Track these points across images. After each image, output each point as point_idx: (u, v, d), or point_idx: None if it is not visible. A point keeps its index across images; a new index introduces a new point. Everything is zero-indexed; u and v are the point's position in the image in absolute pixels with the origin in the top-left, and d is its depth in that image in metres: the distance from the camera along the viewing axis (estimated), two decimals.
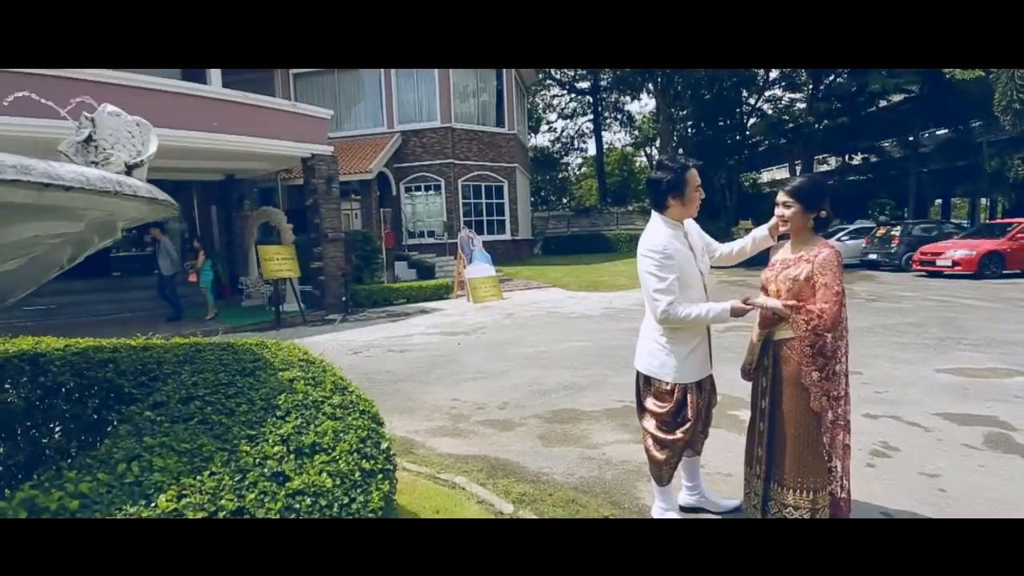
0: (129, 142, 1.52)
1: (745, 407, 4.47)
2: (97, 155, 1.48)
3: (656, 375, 2.50)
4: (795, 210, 2.21)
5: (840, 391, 2.13)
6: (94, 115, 1.51)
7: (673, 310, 2.29)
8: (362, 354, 7.29)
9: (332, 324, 10.18)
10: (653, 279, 2.33)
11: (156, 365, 2.07)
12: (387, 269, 13.73)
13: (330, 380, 1.78)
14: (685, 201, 2.39)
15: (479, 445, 3.97)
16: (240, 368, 1.78)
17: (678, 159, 2.41)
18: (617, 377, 5.62)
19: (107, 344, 2.55)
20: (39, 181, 1.10)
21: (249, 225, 12.67)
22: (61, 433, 2.08)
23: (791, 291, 2.18)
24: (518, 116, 21.19)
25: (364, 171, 15.86)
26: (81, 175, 1.22)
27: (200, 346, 2.24)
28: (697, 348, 2.45)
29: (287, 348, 2.17)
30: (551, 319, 9.63)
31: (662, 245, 2.33)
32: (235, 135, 10.04)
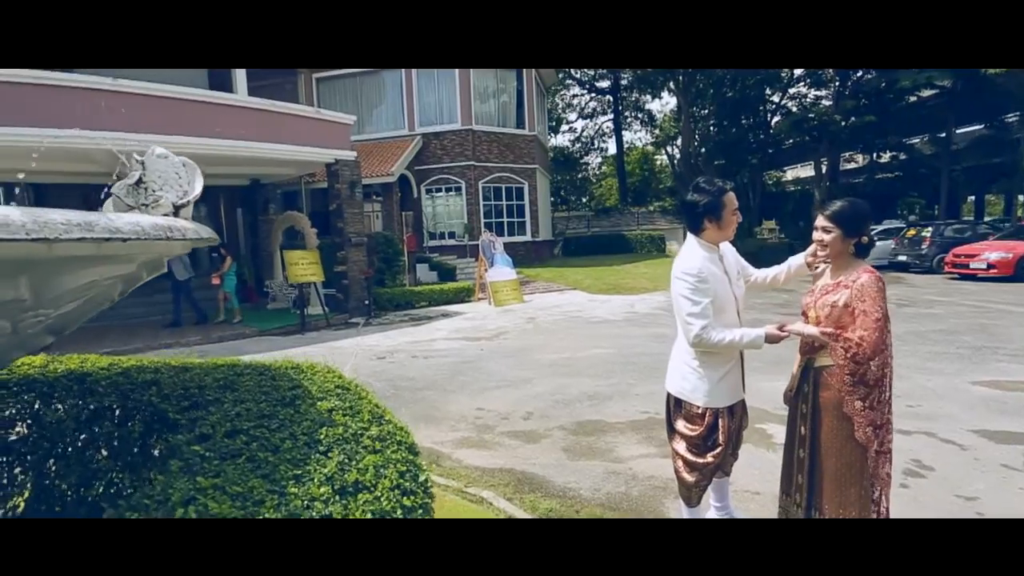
0: (176, 183, 1.58)
1: (773, 420, 4.43)
2: (147, 197, 1.54)
3: (687, 398, 2.49)
4: (835, 236, 2.16)
5: (883, 419, 2.08)
6: (144, 158, 1.56)
7: (706, 334, 2.28)
8: (386, 359, 7.37)
9: (355, 328, 10.31)
10: (687, 303, 2.31)
11: (197, 390, 2.13)
12: (409, 272, 13.84)
13: (367, 409, 1.82)
14: (722, 224, 2.37)
15: (505, 457, 4.00)
16: (280, 397, 1.83)
17: (715, 182, 2.39)
18: (641, 387, 5.60)
19: (149, 364, 2.63)
20: (101, 237, 1.15)
21: (274, 229, 12.89)
22: (108, 456, 2.15)
23: (830, 317, 2.14)
24: (538, 117, 21.17)
25: (386, 174, 16.02)
26: (137, 225, 1.26)
27: (238, 369, 2.29)
28: (730, 372, 2.43)
29: (321, 372, 2.22)
30: (573, 324, 9.62)
31: (697, 268, 2.32)
32: (261, 142, 10.23)
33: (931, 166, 22.36)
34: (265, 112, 10.45)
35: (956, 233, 15.23)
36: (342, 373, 2.35)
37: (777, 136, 24.25)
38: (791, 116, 23.51)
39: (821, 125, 20.62)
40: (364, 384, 5.97)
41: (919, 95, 21.98)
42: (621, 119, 34.81)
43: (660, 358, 6.56)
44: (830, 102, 23.22)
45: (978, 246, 13.56)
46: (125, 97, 8.65)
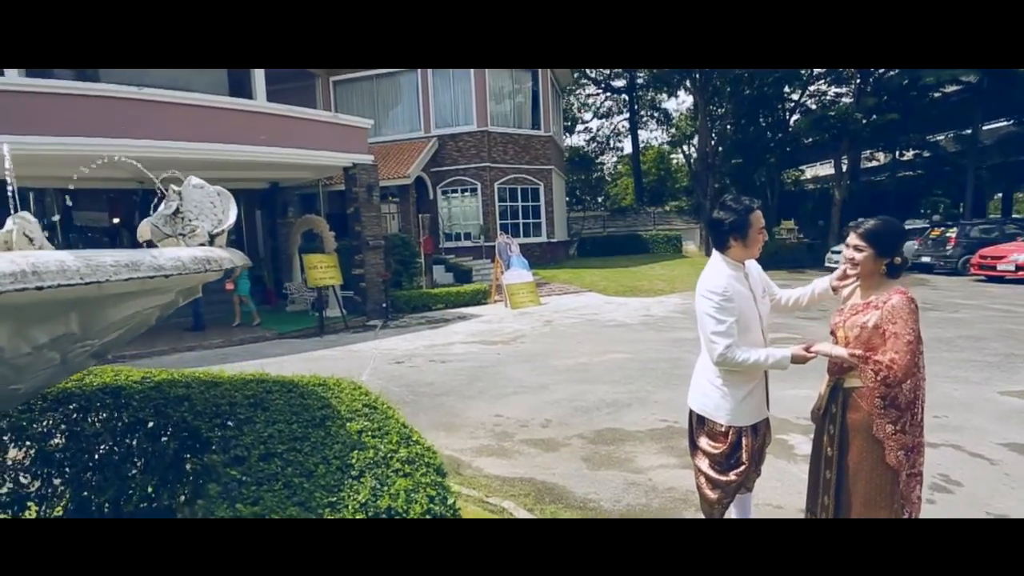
0: (211, 212, 1.62)
1: (795, 431, 4.39)
2: (184, 227, 1.58)
3: (710, 416, 2.47)
4: (867, 255, 2.11)
5: (915, 442, 2.05)
6: (181, 188, 1.61)
7: (731, 354, 2.26)
8: (405, 364, 7.44)
9: (373, 330, 10.41)
10: (712, 321, 2.30)
11: (228, 407, 2.17)
12: (425, 274, 13.92)
13: (395, 429, 1.85)
14: (747, 243, 2.35)
15: (524, 466, 4.02)
16: (311, 418, 1.86)
17: (742, 200, 2.37)
18: (659, 394, 5.58)
19: (180, 378, 2.69)
20: (146, 275, 1.19)
21: (293, 232, 13.06)
22: (143, 470, 2.21)
23: (860, 339, 2.10)
24: (553, 117, 21.13)
25: (402, 176, 16.12)
26: (178, 261, 1.31)
27: (267, 386, 2.34)
28: (754, 391, 2.42)
29: (348, 389, 2.26)
30: (589, 327, 9.61)
31: (722, 287, 2.30)
32: (280, 147, 10.37)
33: (956, 164, 21.86)
34: (284, 117, 10.60)
35: (982, 233, 14.89)
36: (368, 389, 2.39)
37: (796, 135, 23.90)
38: (811, 114, 23.12)
39: (842, 123, 20.27)
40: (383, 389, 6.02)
41: (943, 91, 21.51)
42: (637, 118, 34.59)
43: (677, 364, 6.58)
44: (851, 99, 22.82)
45: (1006, 247, 13.24)
46: (150, 105, 8.83)
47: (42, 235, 2.54)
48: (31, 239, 2.47)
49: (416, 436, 1.90)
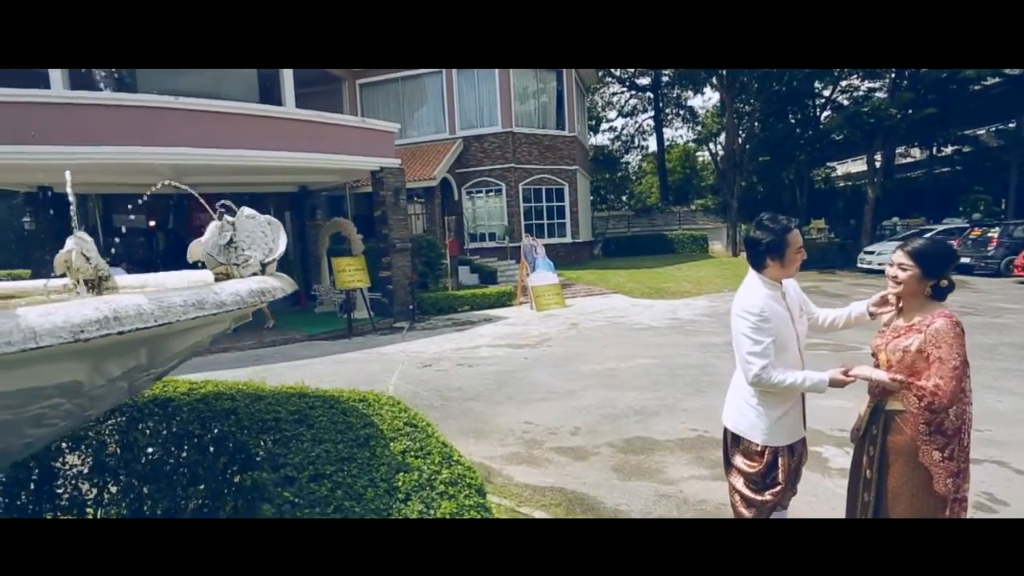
0: (263, 241, 1.69)
1: (830, 443, 4.32)
2: (237, 257, 1.65)
3: (745, 435, 2.45)
4: (912, 274, 2.06)
5: (961, 467, 2.00)
6: (235, 219, 1.68)
7: (767, 375, 2.24)
8: (432, 367, 7.52)
9: (400, 332, 10.54)
10: (747, 341, 2.28)
11: (274, 422, 2.25)
12: (451, 276, 14.03)
13: (436, 450, 1.89)
14: (784, 263, 2.32)
15: (555, 475, 4.04)
16: (355, 437, 1.92)
17: (779, 219, 2.34)
18: (688, 401, 5.55)
19: (225, 390, 2.79)
20: (211, 312, 1.25)
21: (322, 235, 13.30)
22: (193, 482, 2.30)
23: (902, 362, 2.05)
24: (578, 116, 21.05)
25: (428, 178, 16.26)
26: (238, 295, 1.37)
27: (309, 401, 2.41)
28: (790, 411, 2.39)
29: (388, 405, 2.31)
30: (616, 330, 9.57)
31: (759, 307, 2.28)
32: (310, 152, 10.57)
33: (998, 159, 21.07)
34: (313, 123, 10.79)
35: None
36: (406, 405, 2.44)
37: (827, 131, 23.33)
38: (843, 111, 22.52)
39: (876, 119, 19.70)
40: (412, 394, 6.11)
41: (984, 83, 20.74)
42: (662, 116, 34.23)
43: (706, 370, 6.52)
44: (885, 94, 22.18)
45: None
46: (186, 114, 9.09)
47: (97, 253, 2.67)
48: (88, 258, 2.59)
49: (456, 455, 1.94)
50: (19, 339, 0.91)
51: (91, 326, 1.01)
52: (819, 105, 24.89)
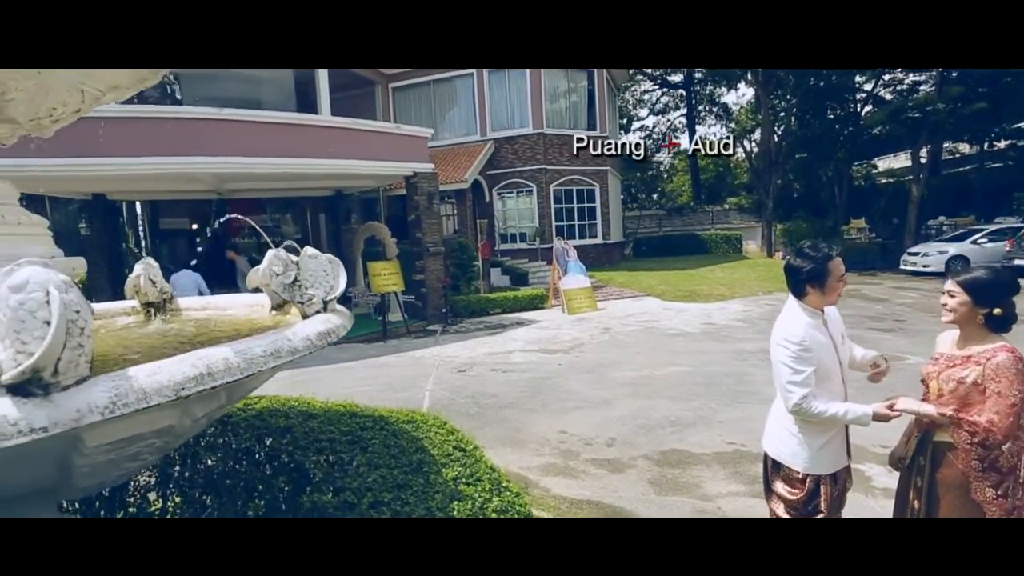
0: (324, 279, 1.78)
1: (871, 460, 4.25)
2: (301, 295, 1.75)
3: (786, 462, 2.43)
4: (961, 301, 2.02)
5: (1015, 504, 1.95)
6: (299, 259, 1.78)
7: (807, 404, 2.23)
8: (467, 373, 7.63)
9: (434, 336, 10.70)
10: (788, 370, 2.27)
11: (328, 443, 2.36)
12: (483, 279, 14.16)
13: (486, 476, 1.96)
14: (825, 291, 2.31)
15: (592, 488, 4.08)
16: (408, 463, 2.01)
17: (821, 247, 2.32)
18: (724, 412, 5.50)
19: (279, 406, 2.92)
20: (288, 359, 1.35)
21: (356, 239, 13.57)
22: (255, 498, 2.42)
23: (955, 393, 2.00)
24: (609, 116, 20.91)
25: (459, 180, 16.41)
26: (308, 340, 1.46)
27: (360, 421, 2.51)
28: (833, 439, 2.36)
29: (435, 426, 2.39)
30: (649, 336, 9.52)
31: (800, 336, 2.27)
32: (345, 159, 10.82)
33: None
34: (348, 130, 11.04)
35: None
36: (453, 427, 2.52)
37: (868, 127, 22.54)
38: (885, 105, 21.71)
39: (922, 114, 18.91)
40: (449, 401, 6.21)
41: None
42: (694, 113, 33.68)
43: (742, 380, 6.45)
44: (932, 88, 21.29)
45: None
46: (228, 124, 9.42)
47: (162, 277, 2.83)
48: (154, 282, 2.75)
49: (504, 481, 2.01)
50: (133, 400, 1.01)
51: (189, 383, 1.11)
52: (860, 100, 24.06)
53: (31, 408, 0.91)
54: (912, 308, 10.93)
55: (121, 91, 1.98)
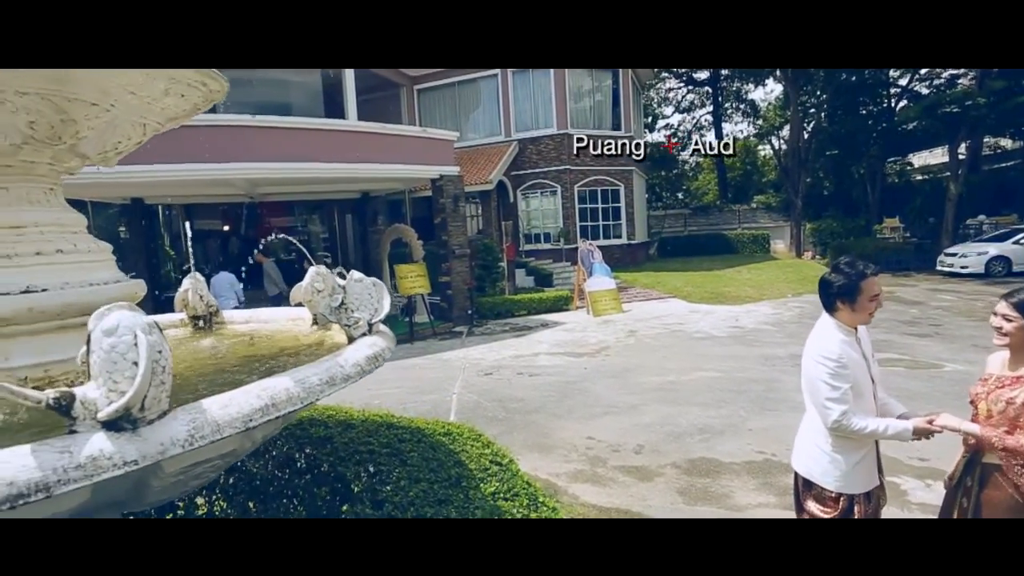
0: (369, 302, 1.86)
1: (907, 472, 4.18)
2: (348, 318, 1.83)
3: (817, 481, 2.42)
4: (1018, 325, 1.99)
5: None
6: (345, 283, 1.86)
7: (847, 420, 2.22)
8: (493, 376, 7.71)
9: (459, 337, 10.81)
10: (826, 387, 2.27)
11: (368, 454, 2.44)
12: (508, 280, 14.23)
13: (523, 491, 2.02)
14: (856, 308, 2.29)
15: (620, 496, 4.11)
16: (447, 476, 2.07)
17: (858, 265, 2.29)
18: (753, 420, 5.46)
19: (317, 416, 3.02)
20: (340, 386, 1.42)
21: (383, 240, 13.77)
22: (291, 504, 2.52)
23: (1004, 414, 1.98)
24: (634, 115, 20.74)
25: (484, 182, 16.50)
26: (358, 366, 1.54)
27: (399, 433, 2.59)
28: (865, 457, 2.34)
29: (470, 438, 2.45)
30: (675, 339, 9.46)
31: (837, 353, 2.26)
32: (373, 163, 10.99)
33: None
34: (375, 135, 11.21)
35: None
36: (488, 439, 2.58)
37: (902, 124, 21.89)
38: (922, 100, 21.04)
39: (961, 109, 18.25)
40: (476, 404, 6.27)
41: None
42: (721, 111, 33.16)
43: (771, 386, 6.38)
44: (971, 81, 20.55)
45: None
46: (259, 131, 9.66)
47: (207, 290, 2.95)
48: (201, 296, 2.88)
49: (540, 496, 2.06)
50: (208, 432, 1.09)
51: (256, 414, 1.18)
52: (894, 95, 23.40)
53: (123, 443, 0.99)
54: (949, 312, 10.62)
55: (177, 121, 2.09)
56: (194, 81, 1.85)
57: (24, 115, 1.52)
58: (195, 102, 2.00)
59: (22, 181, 1.70)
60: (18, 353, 1.62)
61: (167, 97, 1.82)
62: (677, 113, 35.67)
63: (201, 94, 1.94)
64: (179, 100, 1.89)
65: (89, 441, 0.97)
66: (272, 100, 14.18)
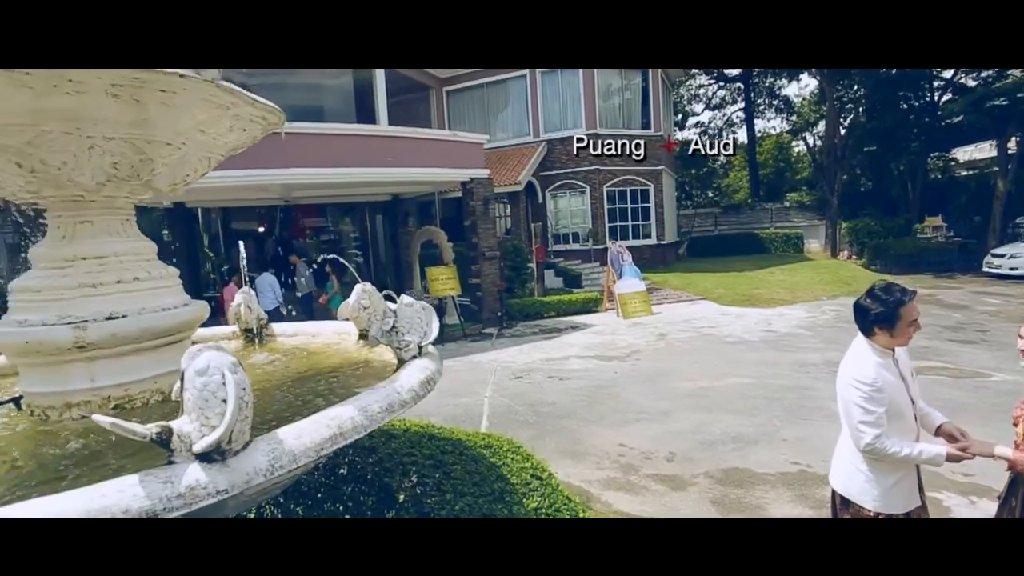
0: (418, 326, 1.95)
1: (950, 488, 4.10)
2: (399, 341, 1.92)
3: (855, 499, 2.40)
4: None
5: None
6: (396, 307, 1.96)
7: (880, 444, 2.21)
8: (524, 379, 7.79)
9: (489, 339, 10.92)
10: (859, 410, 2.25)
11: (412, 465, 2.54)
12: (538, 282, 14.29)
13: (563, 505, 2.09)
14: (894, 334, 2.26)
15: (653, 504, 4.14)
16: (490, 491, 2.15)
17: (894, 291, 2.27)
18: (788, 430, 5.41)
19: None
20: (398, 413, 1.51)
21: (413, 242, 13.98)
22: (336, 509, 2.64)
23: None
24: (663, 114, 20.52)
25: (513, 183, 16.58)
26: (413, 391, 1.63)
27: (440, 444, 2.68)
28: (904, 478, 2.31)
29: (510, 451, 2.53)
30: (706, 343, 9.38)
31: (871, 377, 2.24)
32: (405, 167, 11.18)
33: None
34: (408, 139, 11.39)
35: None
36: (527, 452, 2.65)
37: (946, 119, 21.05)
38: (969, 94, 20.14)
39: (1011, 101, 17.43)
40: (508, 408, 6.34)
41: None
42: (753, 107, 32.48)
43: (806, 394, 6.30)
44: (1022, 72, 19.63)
45: None
46: (293, 137, 9.92)
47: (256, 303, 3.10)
48: (251, 309, 3.02)
49: (581, 512, 2.12)
50: (287, 462, 1.20)
51: (327, 443, 1.28)
52: (938, 88, 22.50)
53: (215, 473, 1.10)
54: (997, 316, 10.25)
55: (237, 151, 2.22)
56: (256, 116, 1.97)
57: (109, 157, 1.66)
58: (255, 134, 2.12)
59: (104, 214, 1.85)
60: (102, 374, 1.76)
61: (231, 133, 1.95)
62: (708, 110, 35.11)
63: (261, 127, 2.06)
64: (241, 134, 2.01)
65: (187, 472, 1.08)
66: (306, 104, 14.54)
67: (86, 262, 1.78)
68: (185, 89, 1.59)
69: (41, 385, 1.76)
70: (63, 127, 1.51)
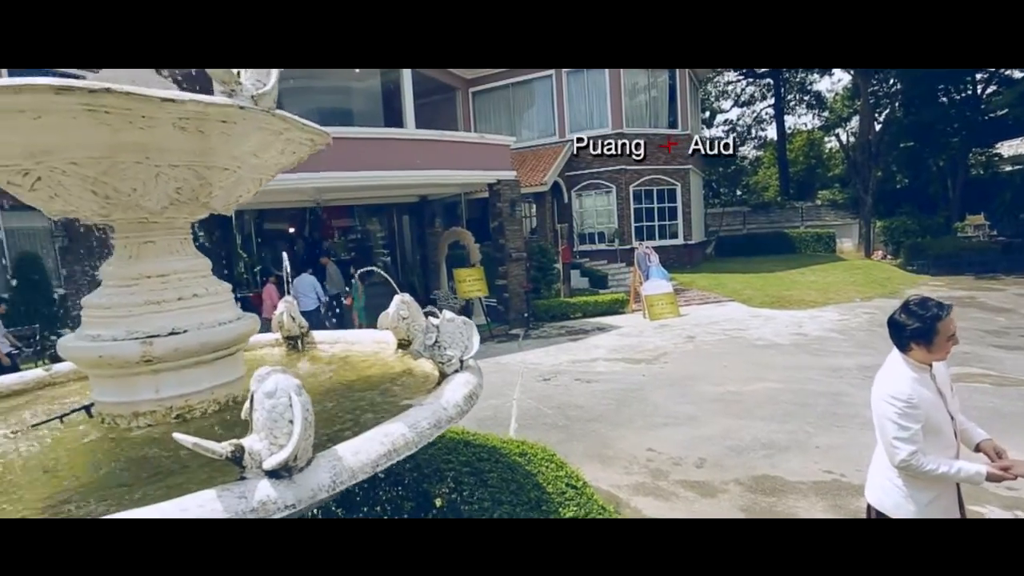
0: (460, 340, 2.02)
1: (993, 502, 4.01)
2: (441, 356, 2.00)
3: (890, 515, 2.37)
4: None
5: None
6: (439, 323, 2.03)
7: (916, 461, 2.17)
8: (551, 382, 7.83)
9: (516, 340, 11.00)
10: (893, 427, 2.22)
11: (449, 471, 2.61)
12: (564, 283, 14.31)
13: (599, 515, 2.13)
14: (932, 349, 2.23)
15: (682, 511, 4.14)
16: (527, 499, 2.22)
17: (930, 306, 2.22)
18: (820, 437, 5.34)
19: None
20: (444, 428, 1.58)
21: (441, 243, 14.15)
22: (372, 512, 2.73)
23: None
24: (691, 111, 20.27)
25: (539, 184, 16.60)
26: (459, 407, 1.70)
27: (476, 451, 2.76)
28: (943, 494, 2.27)
29: (544, 460, 2.59)
30: (735, 346, 9.28)
31: (907, 394, 2.20)
32: (432, 170, 11.32)
33: None
34: (435, 142, 11.54)
35: None
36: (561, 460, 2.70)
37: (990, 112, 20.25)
38: (1017, 86, 19.27)
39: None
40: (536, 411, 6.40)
41: None
42: (783, 103, 31.81)
43: (839, 400, 6.21)
44: None
45: None
46: None
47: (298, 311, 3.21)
48: (293, 318, 3.14)
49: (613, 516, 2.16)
50: (347, 478, 1.28)
51: (382, 459, 1.36)
52: (981, 81, 21.67)
53: (283, 489, 1.18)
54: None
55: (285, 169, 2.32)
56: (304, 140, 2.06)
57: (173, 183, 1.77)
58: (302, 156, 2.22)
59: (166, 235, 1.97)
60: (165, 386, 1.88)
61: (282, 156, 2.05)
62: (736, 107, 34.54)
63: (308, 148, 2.16)
64: (291, 156, 2.11)
65: (258, 487, 1.17)
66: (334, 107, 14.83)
67: (150, 280, 1.90)
68: (244, 119, 1.69)
69: (111, 395, 1.89)
70: (134, 157, 1.62)
